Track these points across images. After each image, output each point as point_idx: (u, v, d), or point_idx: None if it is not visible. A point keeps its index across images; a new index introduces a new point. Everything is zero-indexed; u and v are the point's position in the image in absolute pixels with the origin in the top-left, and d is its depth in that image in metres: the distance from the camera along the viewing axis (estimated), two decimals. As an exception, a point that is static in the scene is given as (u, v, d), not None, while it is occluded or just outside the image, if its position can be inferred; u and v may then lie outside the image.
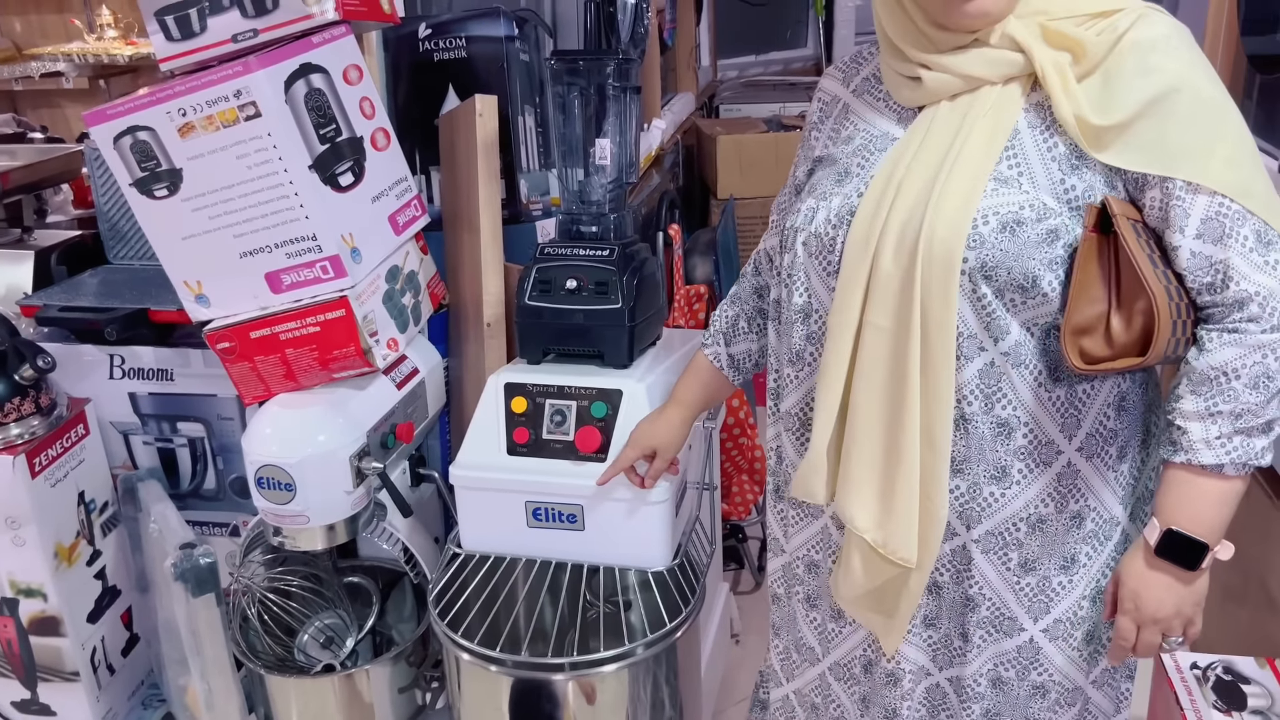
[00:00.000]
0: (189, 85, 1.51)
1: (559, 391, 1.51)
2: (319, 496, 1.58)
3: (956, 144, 1.01)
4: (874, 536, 1.07)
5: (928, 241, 0.99)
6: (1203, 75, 1.00)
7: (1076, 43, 0.99)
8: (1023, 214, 0.99)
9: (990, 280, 1.00)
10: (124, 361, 1.85)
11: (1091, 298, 0.97)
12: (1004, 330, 1.02)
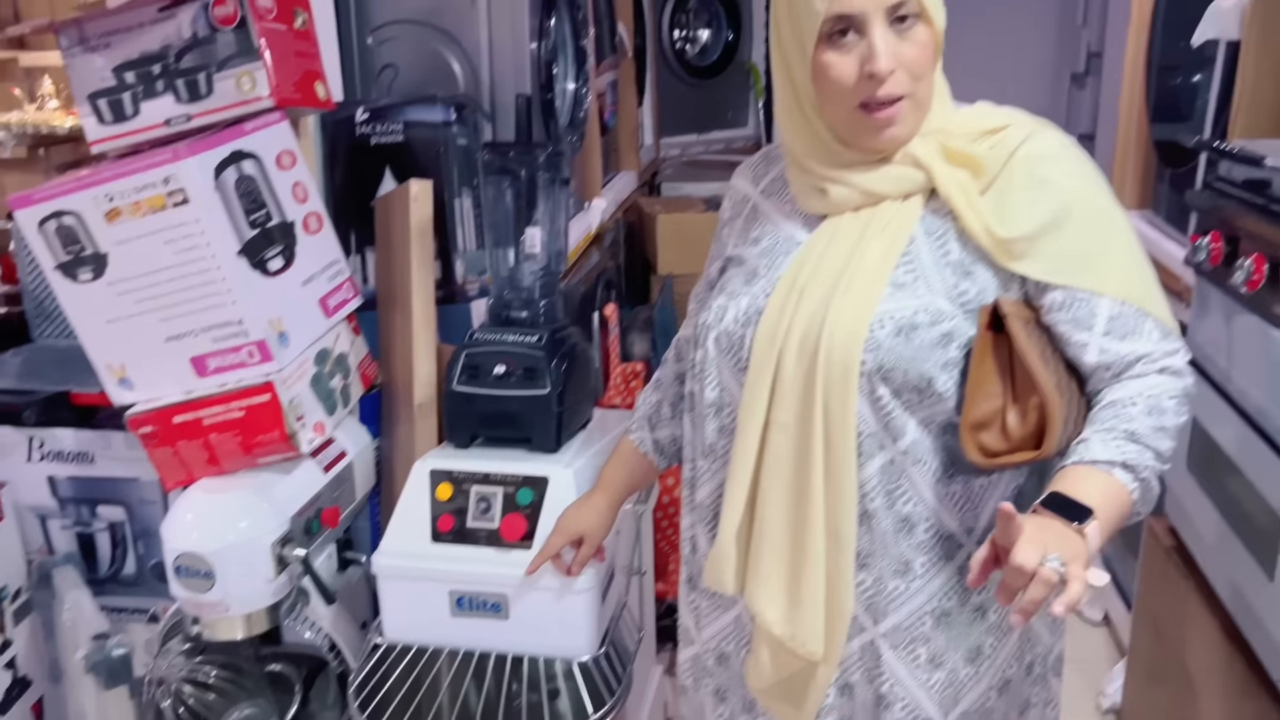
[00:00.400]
0: (117, 171, 1.52)
1: (485, 478, 1.51)
2: (239, 585, 1.55)
3: (857, 252, 1.06)
4: (781, 630, 1.08)
5: (828, 344, 1.02)
6: (1094, 187, 1.05)
7: (974, 160, 1.05)
8: (917, 318, 1.03)
9: (887, 381, 1.03)
10: (43, 444, 1.81)
11: (988, 394, 1.01)
12: (902, 429, 1.05)
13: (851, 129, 1.07)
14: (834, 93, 1.05)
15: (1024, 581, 0.85)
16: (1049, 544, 0.88)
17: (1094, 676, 2.33)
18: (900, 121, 1.06)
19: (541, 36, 2.25)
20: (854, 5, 1.02)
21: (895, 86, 1.04)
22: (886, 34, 1.03)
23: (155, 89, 1.66)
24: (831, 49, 1.04)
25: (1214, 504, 1.66)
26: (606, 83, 3.06)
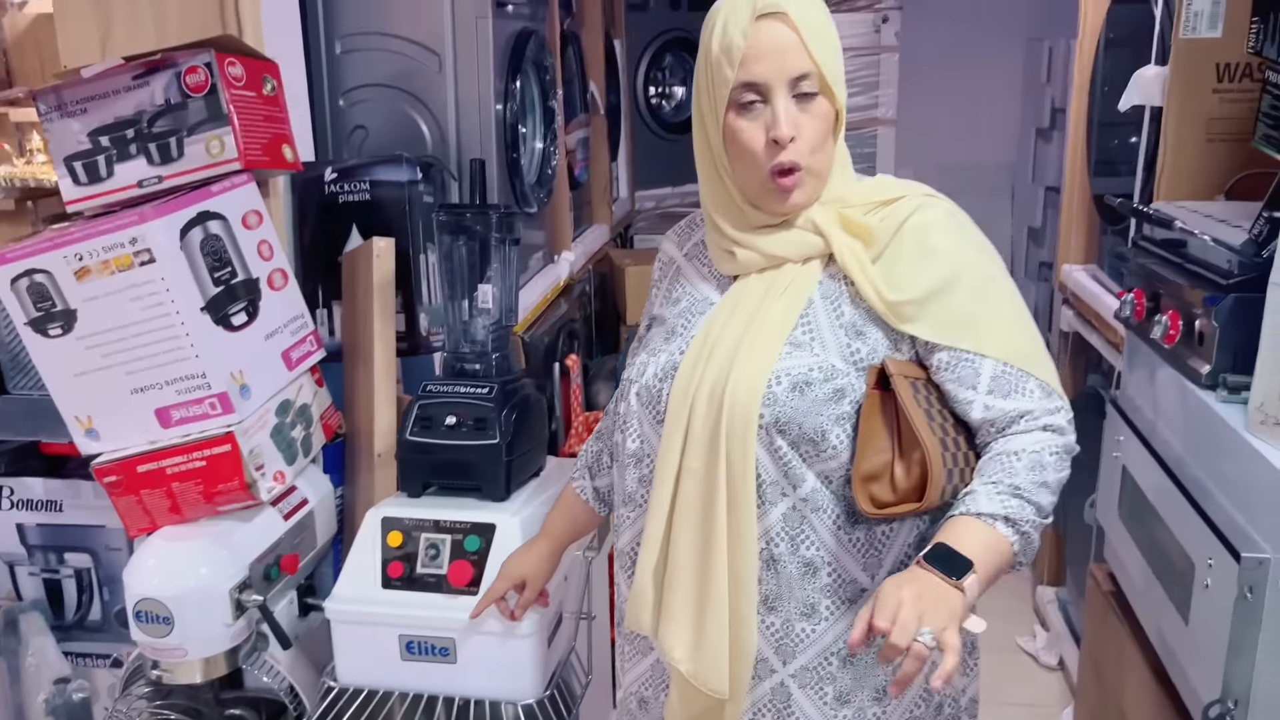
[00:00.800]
0: (86, 232, 1.59)
1: (434, 525, 1.57)
2: (197, 630, 1.60)
3: (760, 313, 1.13)
4: (688, 668, 1.14)
5: (731, 398, 1.10)
6: (980, 255, 1.13)
7: (866, 230, 1.13)
8: (812, 375, 1.10)
9: (784, 434, 1.10)
10: (13, 493, 1.87)
11: (877, 448, 1.08)
12: (801, 478, 1.11)
13: (758, 192, 1.15)
14: (743, 156, 1.13)
15: (898, 655, 0.92)
16: (925, 611, 0.95)
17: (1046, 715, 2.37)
18: (799, 188, 1.14)
19: (507, 99, 2.34)
20: (760, 75, 1.11)
21: (794, 154, 1.12)
22: (789, 104, 1.11)
23: (129, 152, 1.74)
24: (740, 115, 1.13)
25: (1140, 550, 1.72)
26: (577, 139, 3.16)
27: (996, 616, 2.71)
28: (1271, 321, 1.35)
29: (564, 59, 2.97)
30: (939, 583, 0.99)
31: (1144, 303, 1.75)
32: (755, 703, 1.17)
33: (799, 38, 1.11)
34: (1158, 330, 1.66)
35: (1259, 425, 1.37)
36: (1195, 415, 1.56)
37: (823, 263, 1.16)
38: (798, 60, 1.11)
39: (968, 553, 1.01)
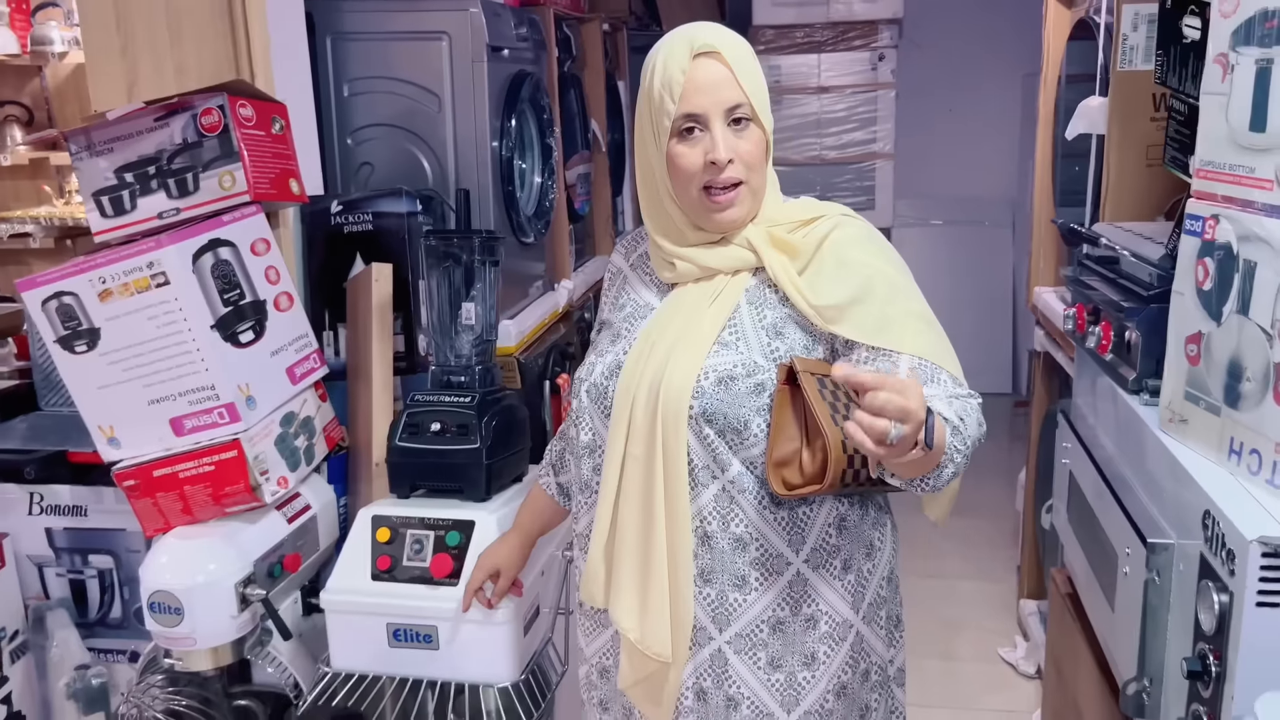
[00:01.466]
0: (109, 258, 1.76)
1: (419, 522, 1.71)
2: (206, 620, 1.74)
3: (694, 317, 1.28)
4: (634, 635, 1.26)
5: (666, 391, 1.23)
6: (889, 266, 1.27)
7: (792, 247, 1.27)
8: (735, 371, 1.24)
9: (711, 423, 1.24)
10: (43, 499, 2.03)
11: (787, 436, 1.21)
12: (728, 463, 1.25)
13: (696, 210, 1.29)
14: (683, 178, 1.28)
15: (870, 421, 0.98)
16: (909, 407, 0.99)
17: (1021, 723, 2.46)
18: (737, 204, 1.28)
19: (503, 136, 2.51)
20: (699, 106, 1.25)
21: (733, 172, 1.26)
22: (725, 131, 1.26)
23: (150, 187, 1.91)
24: (681, 143, 1.27)
25: (1083, 549, 1.83)
26: (577, 175, 3.32)
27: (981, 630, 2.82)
28: (1175, 327, 1.47)
29: (564, 99, 3.14)
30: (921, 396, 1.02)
31: (1084, 316, 1.87)
32: (697, 668, 1.30)
33: (731, 73, 1.26)
34: (1092, 340, 1.78)
35: (1168, 423, 1.49)
36: (1123, 418, 1.67)
37: (750, 273, 1.30)
38: (731, 92, 1.26)
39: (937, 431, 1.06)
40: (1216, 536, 1.24)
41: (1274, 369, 1.24)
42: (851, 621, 1.30)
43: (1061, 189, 2.52)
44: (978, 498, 3.81)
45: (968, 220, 5.19)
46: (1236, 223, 1.30)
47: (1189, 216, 1.40)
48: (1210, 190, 1.36)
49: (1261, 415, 1.28)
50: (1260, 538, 1.14)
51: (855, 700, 1.33)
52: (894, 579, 1.38)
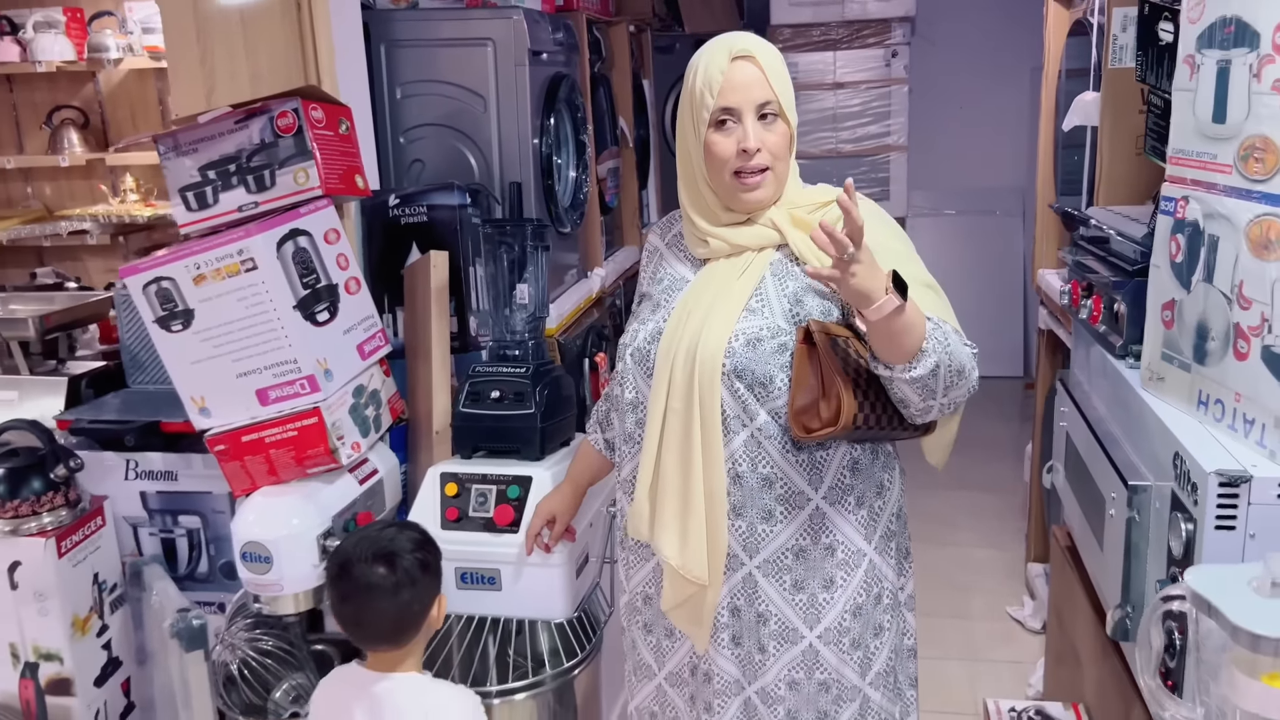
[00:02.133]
0: (203, 246, 1.97)
1: (482, 478, 1.92)
2: (291, 568, 1.95)
3: (724, 288, 1.48)
4: (676, 562, 1.47)
5: (701, 353, 1.44)
6: (893, 239, 1.47)
7: (811, 226, 1.46)
8: (762, 334, 1.44)
9: (741, 379, 1.44)
10: (138, 465, 2.26)
11: (806, 389, 1.40)
12: (755, 413, 1.45)
13: (728, 192, 1.49)
14: (717, 163, 1.48)
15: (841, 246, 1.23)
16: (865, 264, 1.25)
17: (1026, 671, 2.64)
18: (763, 187, 1.48)
19: (543, 134, 2.71)
20: (734, 101, 1.46)
21: (761, 160, 1.47)
22: (756, 124, 1.46)
23: (231, 183, 2.11)
24: (717, 132, 1.48)
25: (1078, 502, 2.02)
26: (608, 169, 3.52)
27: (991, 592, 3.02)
28: (1153, 296, 1.66)
29: (595, 98, 3.35)
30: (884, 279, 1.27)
31: (1079, 291, 2.06)
32: (731, 590, 1.50)
33: (763, 75, 1.46)
34: (1085, 312, 1.97)
35: (1147, 382, 1.68)
36: (1112, 381, 1.86)
37: (773, 249, 1.50)
38: (762, 91, 1.46)
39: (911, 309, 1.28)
40: (1184, 474, 1.43)
41: (1233, 329, 1.43)
42: (865, 551, 1.50)
43: (1062, 179, 2.70)
44: (989, 473, 4.00)
45: (980, 210, 5.36)
46: (1203, 203, 1.49)
47: (1164, 198, 1.59)
48: (1181, 175, 1.55)
49: (1224, 369, 1.47)
50: (1217, 470, 1.34)
51: (869, 620, 1.53)
52: (902, 516, 1.58)
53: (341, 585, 1.54)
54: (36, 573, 2.06)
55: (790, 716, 1.52)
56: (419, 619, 1.56)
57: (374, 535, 1.58)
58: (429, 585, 1.57)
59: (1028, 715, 2.05)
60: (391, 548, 1.55)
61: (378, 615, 1.53)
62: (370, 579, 1.52)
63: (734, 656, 1.52)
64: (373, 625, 1.54)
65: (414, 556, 1.55)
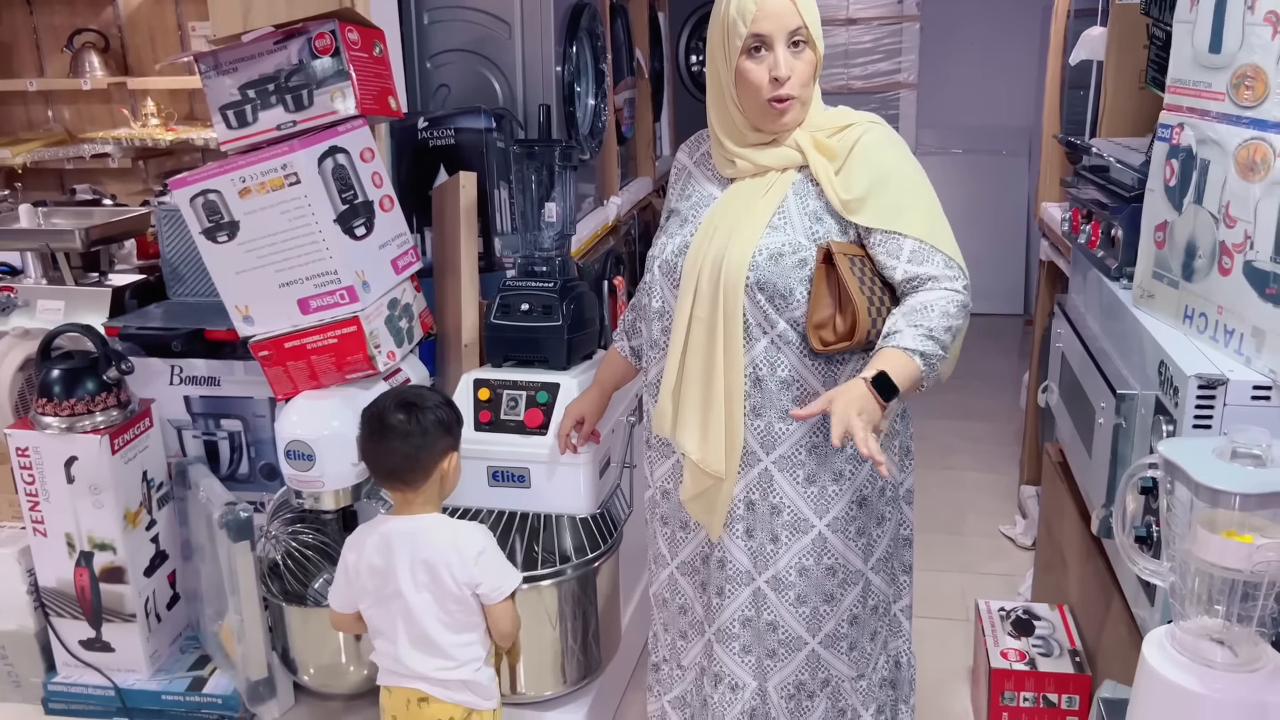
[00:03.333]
0: (247, 161, 2.07)
1: (513, 384, 2.05)
2: (332, 466, 2.08)
3: (750, 205, 1.59)
4: (697, 457, 1.60)
5: (726, 266, 1.55)
6: (906, 164, 1.58)
7: (831, 149, 1.58)
8: (783, 249, 1.55)
9: (763, 290, 1.55)
10: (182, 371, 2.38)
11: (823, 305, 1.53)
12: (775, 322, 1.57)
13: (758, 115, 1.59)
14: (750, 90, 1.58)
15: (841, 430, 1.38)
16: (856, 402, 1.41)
17: (1016, 582, 2.80)
18: (791, 112, 1.58)
19: (565, 60, 2.79)
20: (766, 29, 1.55)
21: (789, 89, 1.56)
22: (786, 52, 1.56)
23: (270, 102, 2.20)
24: (748, 60, 1.57)
25: (1071, 417, 2.15)
26: (624, 99, 3.60)
27: (985, 512, 3.17)
28: (1147, 218, 1.77)
29: (613, 28, 3.41)
30: (872, 401, 1.43)
31: (1079, 218, 2.17)
32: (747, 484, 1.63)
33: (793, 3, 1.55)
34: (1083, 237, 2.08)
35: (1139, 299, 1.80)
36: (1107, 301, 1.98)
37: (795, 170, 1.61)
38: (792, 19, 1.55)
39: (895, 377, 1.45)
40: (1167, 380, 1.56)
41: (1219, 246, 1.55)
42: (871, 447, 1.63)
43: (1068, 118, 2.79)
44: (987, 404, 4.14)
45: (986, 149, 5.43)
46: (1196, 129, 1.60)
47: (1161, 126, 1.70)
48: (1178, 103, 1.65)
49: (1209, 285, 1.59)
50: (1197, 374, 1.46)
51: (873, 510, 1.66)
52: (906, 415, 1.71)
53: (368, 424, 1.73)
54: (91, 467, 2.20)
55: (800, 599, 1.66)
56: (428, 466, 1.71)
57: (407, 389, 1.76)
58: (440, 439, 1.71)
59: (1016, 614, 2.21)
60: (415, 400, 1.71)
61: (389, 454, 1.70)
62: (390, 422, 1.69)
63: (746, 548, 1.66)
64: (384, 463, 1.71)
65: (433, 413, 1.70)
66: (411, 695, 1.74)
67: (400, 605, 1.73)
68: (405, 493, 1.73)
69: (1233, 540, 1.02)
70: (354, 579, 1.79)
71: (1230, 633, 1.08)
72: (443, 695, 1.73)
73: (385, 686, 1.76)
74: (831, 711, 1.70)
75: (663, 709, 1.86)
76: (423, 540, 1.72)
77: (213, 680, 2.36)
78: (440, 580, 1.71)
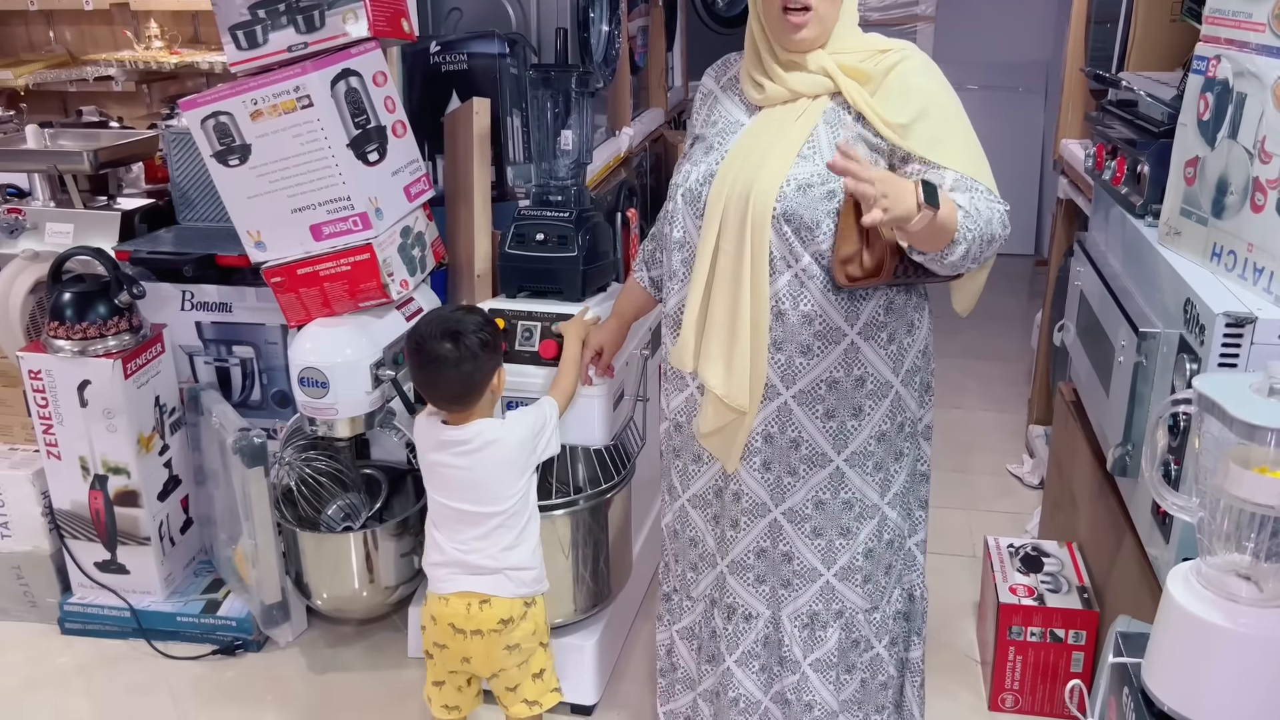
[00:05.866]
0: (259, 82, 2.03)
1: (528, 315, 2.03)
2: (346, 394, 2.08)
3: (780, 134, 1.54)
4: (721, 391, 1.58)
5: (754, 197, 1.51)
6: (945, 94, 1.53)
7: (864, 74, 1.53)
8: (813, 180, 1.51)
9: (790, 222, 1.52)
10: (193, 297, 2.37)
11: (850, 239, 1.49)
12: (800, 255, 1.53)
13: (774, 26, 1.54)
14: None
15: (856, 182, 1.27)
16: (890, 196, 1.27)
17: (1024, 520, 2.82)
18: (808, 27, 1.52)
19: (579, -16, 2.73)
20: None
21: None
22: None
23: (280, 22, 2.14)
24: None
25: (1088, 355, 2.14)
26: (637, 27, 3.53)
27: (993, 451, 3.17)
28: (1178, 153, 1.74)
29: (628, -49, 3.33)
30: (912, 195, 1.31)
31: (1103, 154, 2.13)
32: (765, 418, 1.62)
33: None
34: (1108, 173, 2.05)
35: (1165, 237, 1.78)
36: (1130, 239, 1.96)
37: (828, 98, 1.56)
38: None
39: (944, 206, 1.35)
40: (1193, 318, 1.54)
41: (1252, 182, 1.52)
42: (892, 383, 1.62)
43: (1092, 55, 2.73)
44: (996, 345, 4.13)
45: (1003, 86, 5.34)
46: (1234, 61, 1.56)
47: (1196, 58, 1.66)
48: (1215, 34, 1.61)
49: (1240, 222, 1.56)
50: (1225, 311, 1.44)
51: (891, 446, 1.66)
52: (928, 352, 1.69)
53: (417, 357, 1.75)
54: (104, 391, 2.20)
55: (815, 532, 1.67)
56: (482, 386, 1.77)
57: (444, 315, 1.78)
58: (489, 359, 1.76)
59: (1025, 550, 2.22)
60: (457, 327, 1.73)
61: (446, 382, 1.74)
62: (439, 352, 1.71)
63: (763, 480, 1.65)
64: (442, 389, 1.76)
65: (476, 336, 1.73)
66: (473, 599, 1.77)
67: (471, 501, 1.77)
68: (463, 411, 1.77)
69: (1266, 476, 1.01)
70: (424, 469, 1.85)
71: (1257, 569, 1.08)
72: (503, 592, 1.78)
73: (441, 595, 1.79)
74: (845, 642, 1.71)
75: (671, 638, 1.87)
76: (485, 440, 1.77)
77: (227, 603, 2.39)
78: (509, 471, 1.78)
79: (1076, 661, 2.06)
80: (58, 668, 2.32)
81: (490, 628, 1.78)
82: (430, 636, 1.83)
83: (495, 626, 1.78)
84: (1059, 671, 2.07)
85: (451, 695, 1.87)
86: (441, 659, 1.83)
